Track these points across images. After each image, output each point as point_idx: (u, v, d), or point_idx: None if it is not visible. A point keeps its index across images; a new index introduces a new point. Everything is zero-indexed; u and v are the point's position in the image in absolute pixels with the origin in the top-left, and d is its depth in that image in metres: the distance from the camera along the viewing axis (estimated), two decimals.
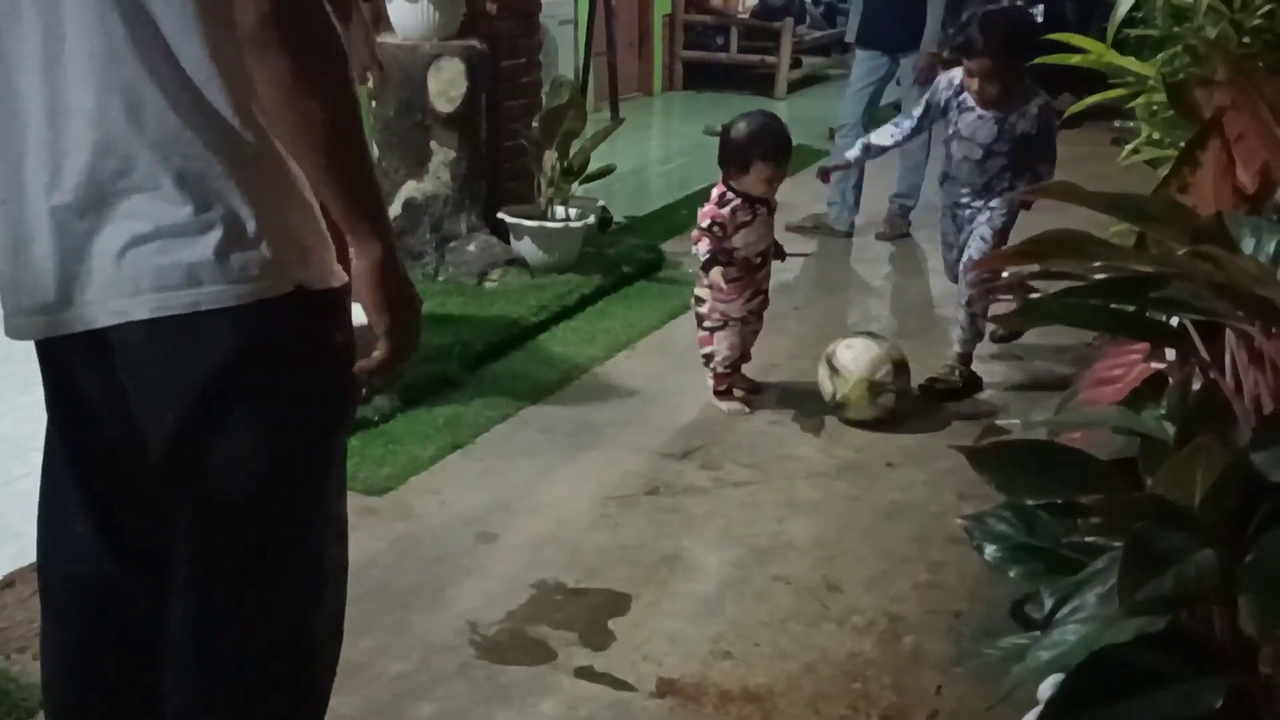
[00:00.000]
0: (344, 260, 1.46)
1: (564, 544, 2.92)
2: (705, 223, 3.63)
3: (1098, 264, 1.26)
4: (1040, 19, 8.66)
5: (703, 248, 3.61)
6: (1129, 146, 2.57)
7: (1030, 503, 1.49)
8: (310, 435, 1.50)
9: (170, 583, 1.50)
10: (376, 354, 1.45)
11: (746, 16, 10.65)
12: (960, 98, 3.89)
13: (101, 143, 1.32)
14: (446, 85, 4.51)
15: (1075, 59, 2.40)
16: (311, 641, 1.59)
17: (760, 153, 3.62)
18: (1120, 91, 2.47)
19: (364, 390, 1.54)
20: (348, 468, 3.13)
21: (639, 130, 8.82)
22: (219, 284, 1.34)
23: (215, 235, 1.34)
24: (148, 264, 1.34)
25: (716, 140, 3.76)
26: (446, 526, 2.99)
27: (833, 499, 3.20)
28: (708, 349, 3.77)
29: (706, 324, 3.76)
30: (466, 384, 3.80)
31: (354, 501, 3.06)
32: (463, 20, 4.72)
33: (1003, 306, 3.92)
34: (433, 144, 4.61)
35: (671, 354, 4.24)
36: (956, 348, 3.97)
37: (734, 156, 3.65)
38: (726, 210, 3.63)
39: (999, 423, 1.64)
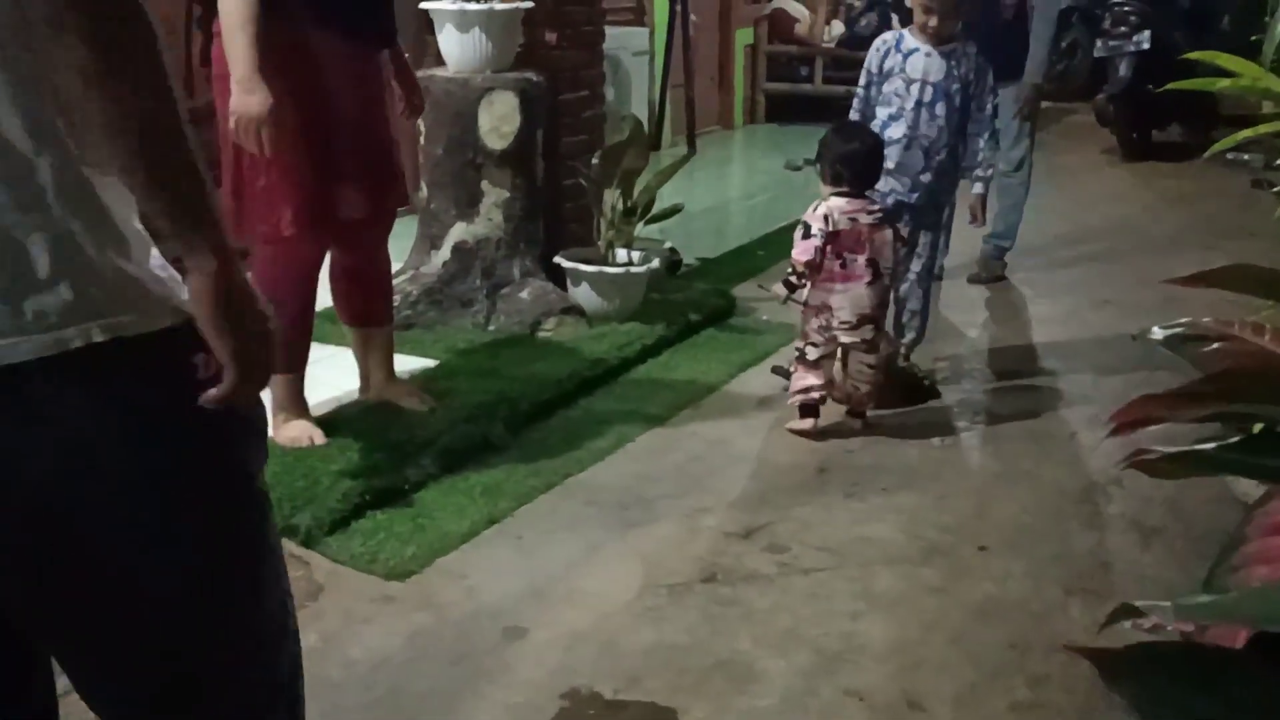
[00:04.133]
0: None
1: (602, 642, 2.54)
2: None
3: None
4: (1147, 46, 8.15)
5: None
6: None
7: None
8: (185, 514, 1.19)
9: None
10: (222, 384, 1.17)
11: (832, 46, 10.24)
12: (900, 45, 3.91)
13: None
14: (499, 121, 4.21)
15: (1223, 83, 1.98)
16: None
17: None
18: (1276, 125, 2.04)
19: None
20: (369, 548, 2.87)
21: (718, 165, 8.46)
22: (8, 336, 1.08)
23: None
24: None
25: (797, 174, 3.59)
26: (471, 618, 2.64)
27: (916, 591, 2.78)
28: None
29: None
30: (509, 447, 3.46)
31: (373, 588, 2.76)
32: (519, 51, 4.41)
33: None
34: (484, 183, 4.30)
35: (739, 413, 3.85)
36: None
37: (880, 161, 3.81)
38: None
39: (1138, 604, 1.09)
